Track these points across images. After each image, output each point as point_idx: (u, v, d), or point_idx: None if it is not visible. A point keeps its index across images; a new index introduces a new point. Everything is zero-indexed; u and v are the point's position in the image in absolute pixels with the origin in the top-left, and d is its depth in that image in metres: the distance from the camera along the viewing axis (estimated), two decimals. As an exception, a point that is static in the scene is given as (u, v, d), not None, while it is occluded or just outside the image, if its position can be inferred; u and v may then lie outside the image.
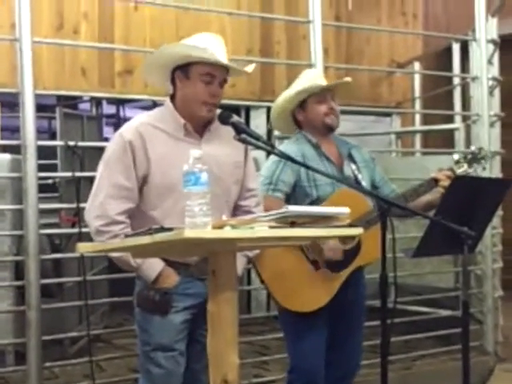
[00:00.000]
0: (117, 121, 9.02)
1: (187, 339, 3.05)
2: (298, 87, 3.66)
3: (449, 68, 7.14)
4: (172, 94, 3.09)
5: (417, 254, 3.33)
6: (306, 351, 3.53)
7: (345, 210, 2.35)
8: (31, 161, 4.07)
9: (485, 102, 5.58)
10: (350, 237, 3.38)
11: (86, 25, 6.17)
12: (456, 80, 7.07)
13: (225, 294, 2.34)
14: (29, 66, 4.06)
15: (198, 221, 2.13)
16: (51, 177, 5.34)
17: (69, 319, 5.18)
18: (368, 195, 3.51)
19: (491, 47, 5.73)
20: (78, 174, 4.57)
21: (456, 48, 7.16)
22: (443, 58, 7.56)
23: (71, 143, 4.46)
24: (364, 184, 3.62)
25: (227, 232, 2.13)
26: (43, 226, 4.49)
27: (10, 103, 6.86)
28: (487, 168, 5.34)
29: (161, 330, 2.98)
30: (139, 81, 5.77)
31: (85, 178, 4.58)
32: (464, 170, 3.66)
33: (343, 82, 3.72)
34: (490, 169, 5.48)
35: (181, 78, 3.01)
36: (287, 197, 3.53)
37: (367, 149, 3.96)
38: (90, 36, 6.16)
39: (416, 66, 7.70)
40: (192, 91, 2.98)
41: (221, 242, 2.23)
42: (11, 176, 4.66)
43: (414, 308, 5.65)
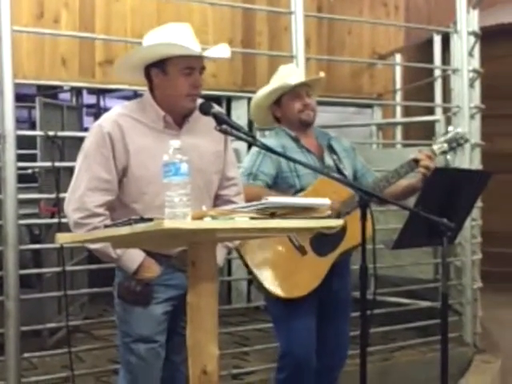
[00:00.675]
0: (97, 111, 8.97)
1: (168, 331, 3.04)
2: (271, 86, 3.71)
3: (430, 60, 7.17)
4: (149, 87, 3.05)
5: (396, 246, 3.34)
6: (298, 336, 3.54)
7: (325, 201, 2.35)
8: (10, 151, 4.03)
9: (465, 94, 5.59)
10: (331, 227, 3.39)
11: (67, 14, 6.13)
12: (437, 72, 7.11)
13: (205, 285, 2.34)
14: (8, 55, 4.02)
15: (178, 211, 2.13)
16: (31, 167, 5.29)
17: (48, 310, 5.14)
18: (348, 186, 3.52)
19: (472, 39, 5.75)
20: (58, 164, 4.53)
21: (437, 40, 7.19)
22: (424, 50, 7.59)
23: (51, 133, 4.42)
24: (346, 173, 3.65)
25: (207, 223, 2.12)
26: (22, 217, 4.46)
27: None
28: (467, 160, 5.38)
29: (142, 322, 2.97)
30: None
31: (64, 168, 4.55)
32: (443, 150, 3.67)
33: (315, 79, 3.74)
34: (470, 160, 5.51)
35: (157, 75, 2.96)
36: (268, 188, 3.53)
37: (348, 140, 3.97)
38: (71, 25, 6.12)
39: (397, 58, 7.72)
40: (173, 86, 2.94)
41: (201, 233, 2.22)
42: (-10, 166, 4.62)
43: (394, 299, 5.67)
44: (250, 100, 3.91)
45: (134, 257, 2.93)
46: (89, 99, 9.00)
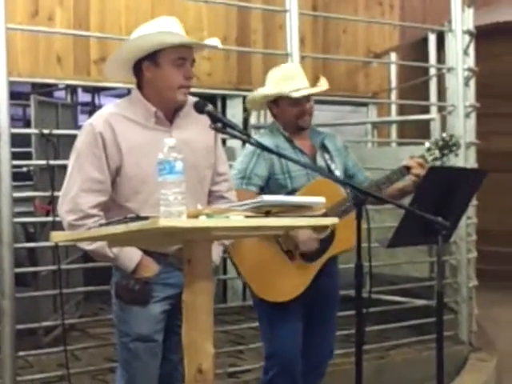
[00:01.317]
0: (92, 109, 8.96)
1: (165, 330, 3.03)
2: (273, 90, 3.63)
3: (425, 59, 7.17)
4: (138, 84, 3.04)
5: (392, 244, 3.35)
6: (282, 338, 3.55)
7: (320, 200, 2.35)
8: (5, 149, 4.02)
9: (460, 93, 5.59)
10: (324, 227, 3.40)
11: (62, 12, 6.12)
12: (432, 71, 7.11)
13: (200, 284, 2.34)
14: (3, 53, 4.01)
15: (173, 210, 2.12)
16: (25, 165, 5.29)
17: (43, 308, 5.14)
18: (342, 185, 3.53)
19: (467, 38, 5.74)
20: (53, 162, 4.53)
21: (432, 39, 7.19)
22: (419, 49, 7.59)
23: (46, 131, 4.42)
24: (337, 173, 3.64)
25: (202, 221, 2.12)
26: (17, 215, 4.45)
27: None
28: (462, 158, 5.38)
29: (140, 321, 2.96)
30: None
31: (59, 166, 4.54)
32: (435, 157, 3.67)
33: (314, 93, 3.68)
34: (465, 159, 5.51)
35: (149, 68, 2.94)
36: (261, 190, 3.53)
37: (343, 138, 3.97)
38: (66, 23, 6.10)
39: (392, 57, 7.72)
40: (165, 78, 2.92)
41: (196, 231, 2.22)
42: (-15, 164, 4.60)
43: (389, 298, 5.67)
44: (245, 99, 3.90)
45: (132, 255, 2.91)
46: (84, 97, 8.98)
